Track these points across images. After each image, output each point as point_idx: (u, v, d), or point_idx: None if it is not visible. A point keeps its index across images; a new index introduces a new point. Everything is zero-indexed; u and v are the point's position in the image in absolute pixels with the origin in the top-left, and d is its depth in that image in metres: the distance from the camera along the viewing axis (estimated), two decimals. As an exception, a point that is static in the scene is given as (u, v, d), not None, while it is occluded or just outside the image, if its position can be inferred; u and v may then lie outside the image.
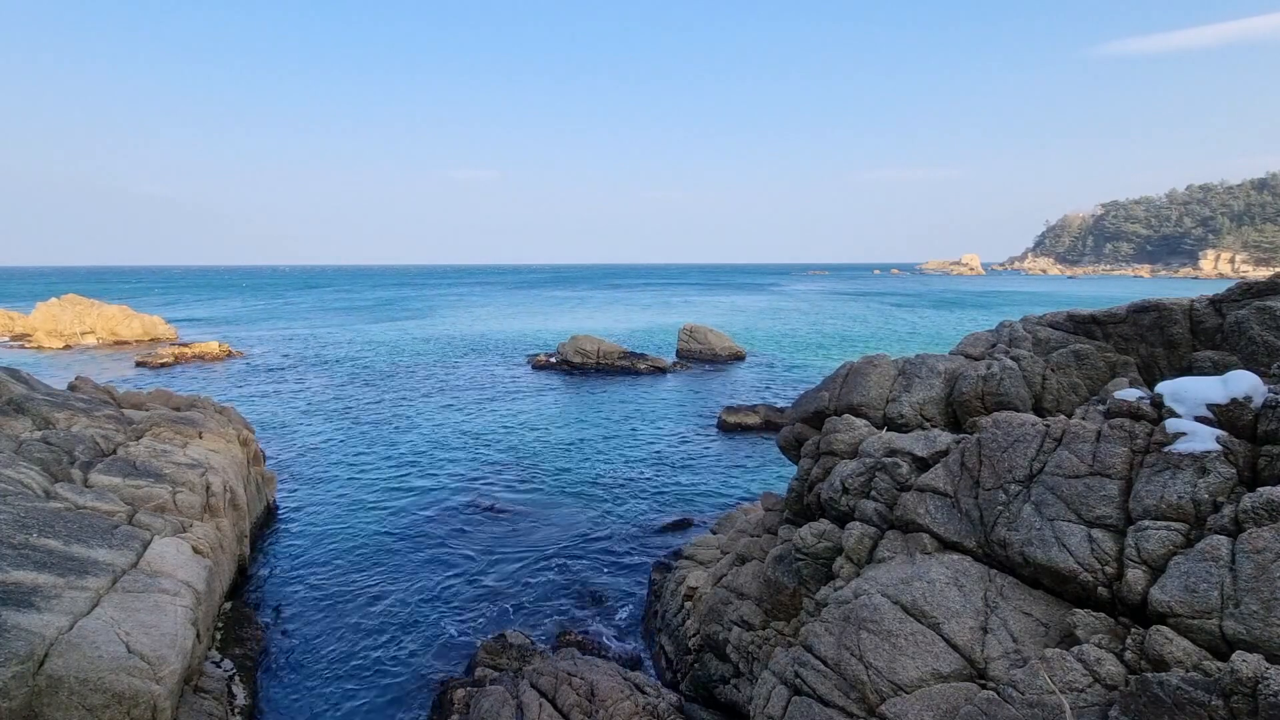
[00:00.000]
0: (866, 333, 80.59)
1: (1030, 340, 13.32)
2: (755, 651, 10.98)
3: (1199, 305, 11.71)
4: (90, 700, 9.23)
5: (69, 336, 67.55)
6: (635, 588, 18.29)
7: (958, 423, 11.80)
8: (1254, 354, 10.22)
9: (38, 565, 10.93)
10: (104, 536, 12.57)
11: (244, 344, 67.30)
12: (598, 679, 10.68)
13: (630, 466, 29.04)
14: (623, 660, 14.35)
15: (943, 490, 9.06)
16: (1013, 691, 6.36)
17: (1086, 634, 6.71)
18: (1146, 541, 6.87)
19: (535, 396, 43.56)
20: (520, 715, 10.11)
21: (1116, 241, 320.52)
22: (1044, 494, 7.92)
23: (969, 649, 7.21)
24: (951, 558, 8.38)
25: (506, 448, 31.67)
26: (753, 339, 72.14)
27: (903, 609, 7.74)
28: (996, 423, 9.02)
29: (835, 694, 7.47)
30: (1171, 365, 11.68)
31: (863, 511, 9.99)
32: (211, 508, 16.47)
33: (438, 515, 23.33)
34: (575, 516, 23.36)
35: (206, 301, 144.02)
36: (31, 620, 9.70)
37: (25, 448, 15.50)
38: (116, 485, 15.26)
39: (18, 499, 12.85)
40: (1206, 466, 7.02)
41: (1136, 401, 8.20)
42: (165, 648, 10.35)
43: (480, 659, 13.88)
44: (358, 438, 33.22)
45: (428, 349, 66.40)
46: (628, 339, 69.91)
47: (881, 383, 12.89)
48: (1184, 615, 6.17)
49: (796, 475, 12.41)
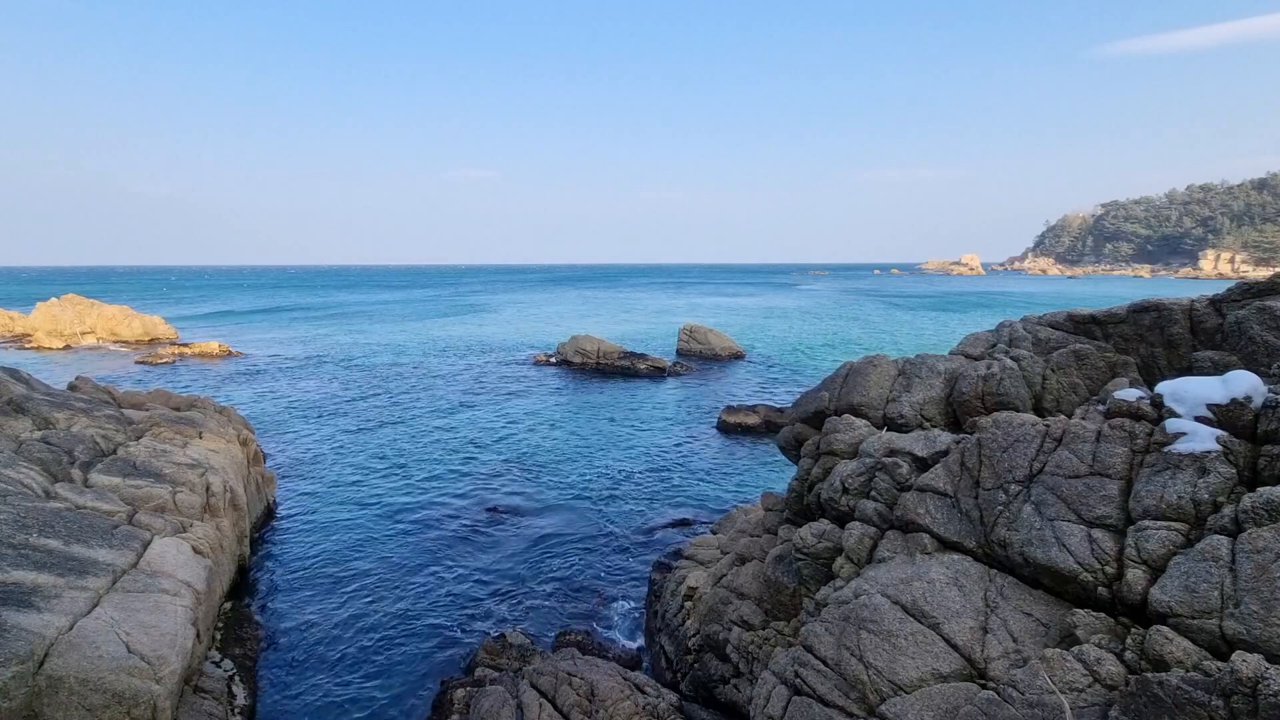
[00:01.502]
0: (866, 333, 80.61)
1: (1030, 340, 13.32)
2: (755, 651, 10.98)
3: (1199, 305, 11.71)
4: (90, 700, 9.23)
5: (69, 337, 67.56)
6: (635, 588, 18.30)
7: (958, 423, 11.80)
8: (1254, 354, 10.21)
9: (38, 565, 10.94)
10: (104, 536, 12.57)
11: (244, 344, 67.31)
12: (598, 679, 10.67)
13: (630, 466, 29.04)
14: (623, 660, 14.35)
15: (943, 490, 9.07)
16: (1013, 691, 6.36)
17: (1086, 634, 6.71)
18: (1147, 541, 6.87)
19: (535, 396, 43.57)
20: (520, 715, 10.11)
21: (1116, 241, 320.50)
22: (1044, 494, 7.92)
23: (969, 649, 7.21)
24: (951, 558, 8.39)
25: (506, 447, 31.67)
26: (753, 339, 72.16)
27: (903, 609, 7.74)
28: (996, 423, 9.03)
29: (835, 694, 7.47)
30: (1171, 365, 11.68)
31: (863, 511, 9.99)
32: (211, 508, 16.47)
33: (437, 515, 23.34)
34: (575, 516, 23.36)
35: (207, 301, 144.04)
36: (31, 620, 9.71)
37: (25, 448, 15.51)
38: (116, 485, 15.26)
39: (18, 499, 12.85)
40: (1206, 466, 7.02)
41: (1136, 401, 8.20)
42: (165, 648, 10.35)
43: (480, 659, 13.89)
44: (357, 438, 33.22)
45: (427, 349, 66.41)
46: (628, 339, 69.92)
47: (881, 383, 12.89)
48: (1184, 615, 6.17)
49: (796, 475, 12.41)
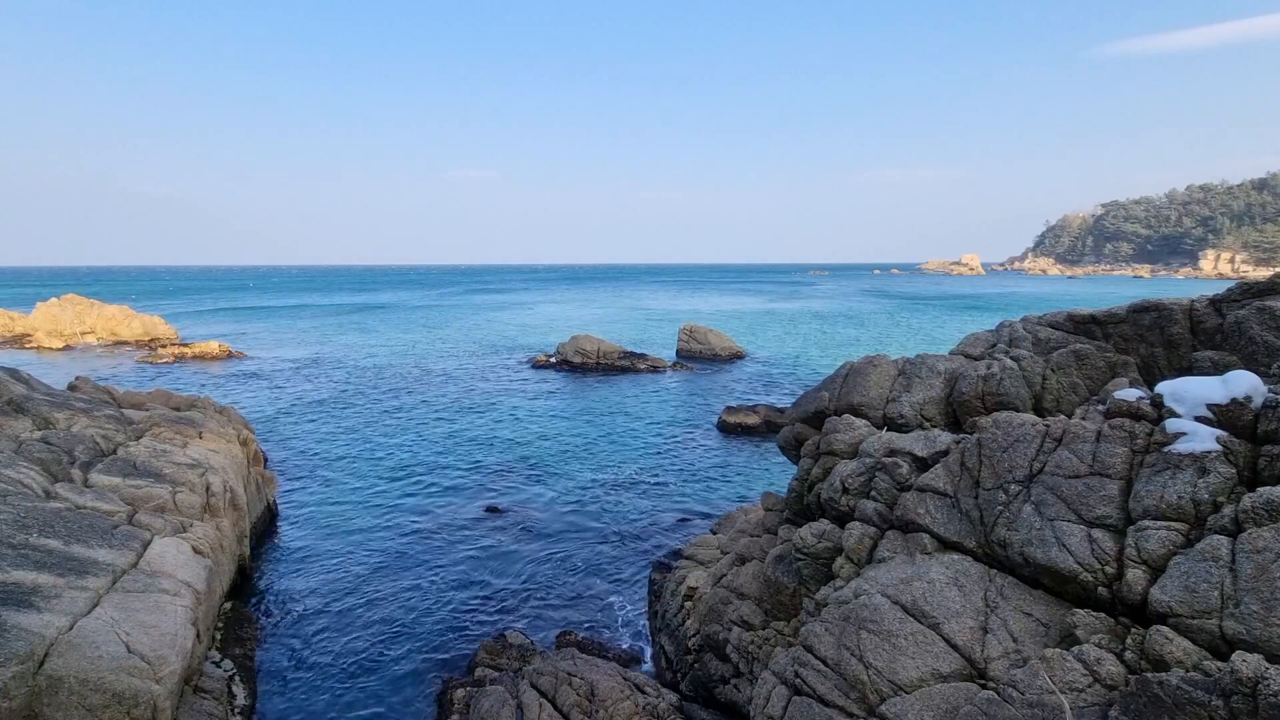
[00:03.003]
0: (866, 332, 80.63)
1: (1030, 340, 13.31)
2: (755, 651, 10.98)
3: (1199, 305, 11.70)
4: (90, 700, 9.23)
5: (69, 336, 67.59)
6: (635, 588, 18.30)
7: (958, 423, 11.80)
8: (1254, 354, 10.21)
9: (38, 565, 10.94)
10: (104, 536, 12.57)
11: (244, 344, 67.32)
12: (598, 679, 10.68)
13: (630, 466, 29.04)
14: (623, 660, 14.35)
15: (943, 490, 9.06)
16: (1013, 691, 6.36)
17: (1086, 634, 6.71)
18: (1146, 541, 6.87)
19: (535, 396, 43.57)
20: (520, 715, 10.11)
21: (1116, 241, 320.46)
22: (1044, 494, 7.92)
23: (969, 649, 7.21)
24: (951, 558, 8.39)
25: (506, 448, 31.67)
26: (752, 339, 72.17)
27: (903, 609, 7.74)
28: (996, 423, 9.02)
29: (835, 694, 7.47)
30: (1171, 365, 11.67)
31: (863, 511, 9.99)
32: (211, 508, 16.47)
33: (437, 515, 23.34)
34: (575, 516, 23.36)
35: (207, 301, 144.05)
36: (31, 620, 9.70)
37: (25, 448, 15.50)
38: (116, 485, 15.25)
39: (18, 499, 12.84)
40: (1206, 466, 7.02)
41: (1136, 401, 8.20)
42: (165, 648, 10.35)
43: (480, 659, 13.89)
44: (358, 438, 33.23)
45: (428, 349, 66.44)
46: (628, 339, 69.93)
47: (881, 383, 12.89)
48: (1184, 615, 6.17)
49: (796, 475, 12.41)
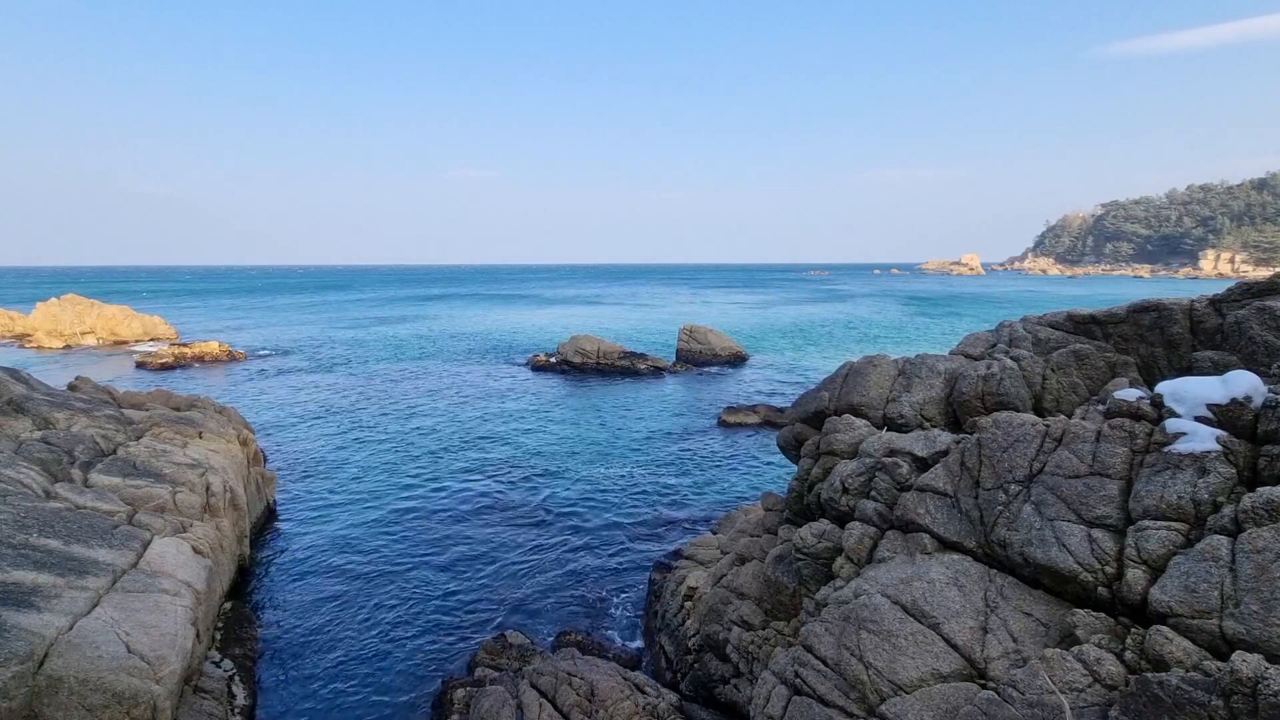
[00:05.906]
0: (866, 332, 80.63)
1: (1030, 340, 13.31)
2: (755, 651, 10.98)
3: (1199, 305, 11.70)
4: (90, 700, 9.23)
5: (69, 336, 67.59)
6: (635, 588, 18.29)
7: (958, 423, 11.80)
8: (1254, 354, 10.21)
9: (38, 565, 10.94)
10: (104, 536, 12.57)
11: (244, 344, 67.31)
12: (598, 679, 10.67)
13: (630, 466, 29.04)
14: (623, 660, 14.35)
15: (943, 490, 9.06)
16: (1013, 691, 6.36)
17: (1086, 634, 6.70)
18: (1146, 541, 6.87)
19: (535, 397, 43.57)
20: (520, 715, 10.11)
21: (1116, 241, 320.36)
22: (1044, 494, 7.92)
23: (969, 649, 7.21)
24: (951, 558, 8.39)
25: (506, 448, 31.67)
26: (753, 339, 72.15)
27: (903, 609, 7.74)
28: (996, 423, 9.02)
29: (835, 694, 7.47)
30: (1171, 365, 11.67)
31: (863, 511, 9.99)
32: (211, 508, 16.47)
33: (437, 515, 23.34)
34: (575, 516, 23.36)
35: (207, 301, 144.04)
36: (31, 620, 9.71)
37: (25, 448, 15.50)
38: (116, 485, 15.25)
39: (18, 499, 12.85)
40: (1206, 466, 7.02)
41: (1136, 401, 8.20)
42: (165, 648, 10.35)
43: (480, 659, 13.90)
44: (358, 438, 33.23)
45: (428, 349, 66.43)
46: (628, 339, 69.93)
47: (881, 383, 12.89)
48: (1184, 615, 6.17)
49: (796, 475, 12.41)
